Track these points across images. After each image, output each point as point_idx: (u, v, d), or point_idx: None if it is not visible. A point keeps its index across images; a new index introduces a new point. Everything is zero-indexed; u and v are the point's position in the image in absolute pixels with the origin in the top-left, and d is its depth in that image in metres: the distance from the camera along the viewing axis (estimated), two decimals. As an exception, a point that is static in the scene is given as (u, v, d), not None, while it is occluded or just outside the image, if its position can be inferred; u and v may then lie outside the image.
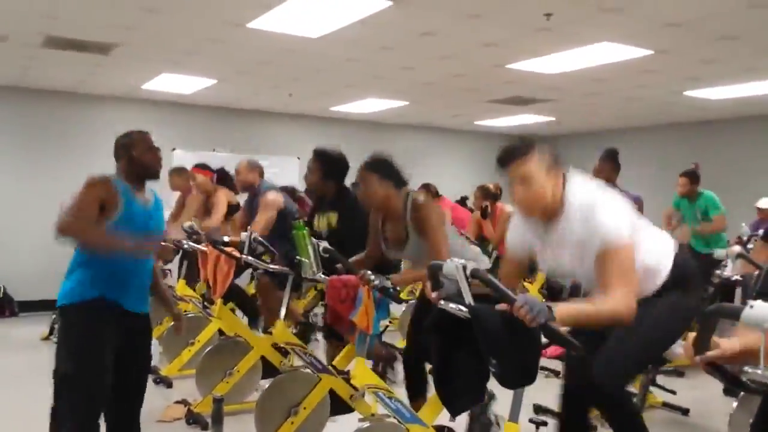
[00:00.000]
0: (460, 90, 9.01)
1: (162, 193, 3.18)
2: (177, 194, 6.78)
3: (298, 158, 10.37)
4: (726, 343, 1.52)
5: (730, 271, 4.02)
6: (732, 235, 7.28)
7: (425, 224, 3.24)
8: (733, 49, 6.48)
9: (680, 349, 2.88)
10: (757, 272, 2.92)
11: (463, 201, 9.63)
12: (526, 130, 12.56)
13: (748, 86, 8.25)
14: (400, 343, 5.24)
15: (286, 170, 10.55)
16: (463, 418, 3.02)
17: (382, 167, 3.42)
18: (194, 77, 8.38)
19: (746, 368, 1.31)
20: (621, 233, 2.26)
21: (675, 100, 9.29)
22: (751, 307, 1.29)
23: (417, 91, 9.11)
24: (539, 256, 2.59)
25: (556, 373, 5.08)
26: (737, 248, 4.14)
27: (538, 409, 4.24)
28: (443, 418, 2.73)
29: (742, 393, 3.23)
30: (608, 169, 5.59)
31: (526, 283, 6.94)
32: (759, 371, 1.29)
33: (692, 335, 1.52)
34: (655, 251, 2.49)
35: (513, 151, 2.40)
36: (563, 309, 2.08)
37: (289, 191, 5.73)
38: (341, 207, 4.13)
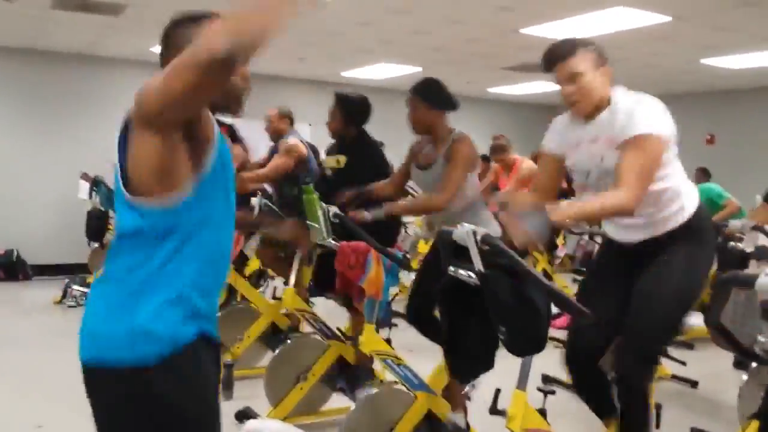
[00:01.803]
0: (472, 56, 8.89)
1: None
2: None
3: (309, 125, 10.32)
4: None
5: (745, 243, 3.98)
6: (748, 209, 7.20)
7: (456, 155, 3.27)
8: (752, 15, 6.32)
9: (694, 319, 2.86)
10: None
11: (485, 158, 9.59)
12: (539, 99, 12.41)
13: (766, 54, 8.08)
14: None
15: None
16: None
17: (430, 91, 3.43)
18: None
19: (760, 337, 1.28)
20: (656, 126, 2.24)
21: (691, 68, 9.12)
22: (766, 275, 1.27)
23: (429, 56, 8.99)
24: (572, 152, 2.52)
25: (564, 344, 5.08)
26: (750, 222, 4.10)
27: (546, 378, 4.24)
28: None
29: (752, 365, 3.20)
30: None
31: (537, 255, 6.91)
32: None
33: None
34: (686, 183, 2.48)
35: (559, 50, 2.39)
36: (567, 209, 2.08)
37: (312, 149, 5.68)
38: (355, 150, 4.09)
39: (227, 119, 5.78)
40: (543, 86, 11.26)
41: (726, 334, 1.48)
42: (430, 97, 3.40)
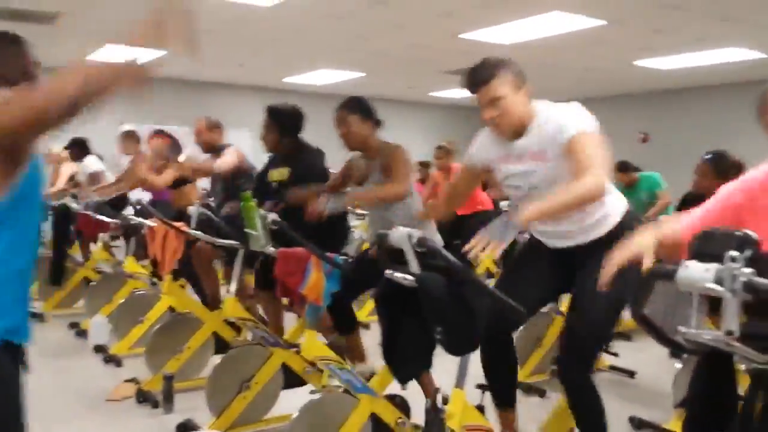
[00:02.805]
0: (415, 61, 8.97)
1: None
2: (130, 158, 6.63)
3: (251, 131, 10.22)
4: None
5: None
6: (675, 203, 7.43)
7: (393, 161, 3.28)
8: (681, 18, 6.57)
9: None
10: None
11: (425, 165, 9.62)
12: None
13: (698, 56, 8.40)
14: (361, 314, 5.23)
15: (239, 144, 10.39)
16: (415, 387, 3.02)
17: (361, 107, 3.42)
18: (138, 49, 8.15)
19: (680, 328, 1.33)
20: (590, 126, 2.30)
21: (626, 70, 9.41)
22: (686, 267, 1.31)
23: (372, 61, 9.03)
24: (498, 169, 2.56)
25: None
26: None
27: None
28: (394, 387, 2.74)
29: (686, 355, 3.30)
30: None
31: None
32: (693, 330, 1.31)
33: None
34: (612, 190, 2.52)
35: (479, 74, 2.41)
36: (533, 209, 2.07)
37: None
38: (296, 160, 4.05)
39: (169, 130, 5.68)
40: (484, 90, 11.43)
41: (651, 326, 1.51)
42: (361, 110, 3.40)
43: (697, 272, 1.28)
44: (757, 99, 1.74)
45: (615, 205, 2.51)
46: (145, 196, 6.02)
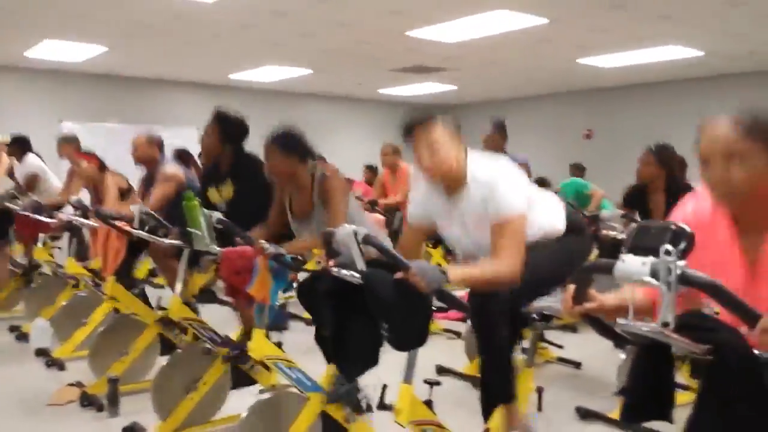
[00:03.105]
0: (362, 58, 8.96)
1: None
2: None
3: (198, 129, 10.07)
4: (603, 297, 1.59)
5: (617, 231, 4.24)
6: (618, 198, 7.64)
7: (329, 194, 3.25)
8: (621, 17, 6.74)
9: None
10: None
11: (373, 169, 9.63)
12: (430, 99, 12.68)
13: (637, 54, 8.63)
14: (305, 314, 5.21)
15: (185, 141, 10.21)
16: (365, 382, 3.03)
17: (287, 141, 3.35)
18: (82, 44, 7.93)
19: (618, 320, 1.36)
20: (515, 206, 2.35)
21: (569, 68, 9.61)
22: (623, 261, 1.34)
23: (319, 58, 8.99)
24: (442, 230, 2.63)
25: (458, 335, 5.21)
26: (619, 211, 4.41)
27: (441, 369, 4.33)
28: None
29: (629, 345, 3.40)
30: (497, 139, 5.75)
31: (429, 249, 7.04)
32: (630, 323, 1.35)
33: (571, 288, 1.57)
34: (549, 214, 2.60)
35: (418, 118, 2.44)
36: (456, 272, 2.14)
37: (182, 154, 5.48)
38: (238, 176, 3.99)
39: (91, 151, 5.53)
40: (433, 87, 11.52)
41: (592, 319, 1.55)
42: (287, 145, 3.33)
43: (633, 266, 1.31)
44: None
45: (556, 214, 2.61)
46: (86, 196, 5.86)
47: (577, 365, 4.70)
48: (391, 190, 7.06)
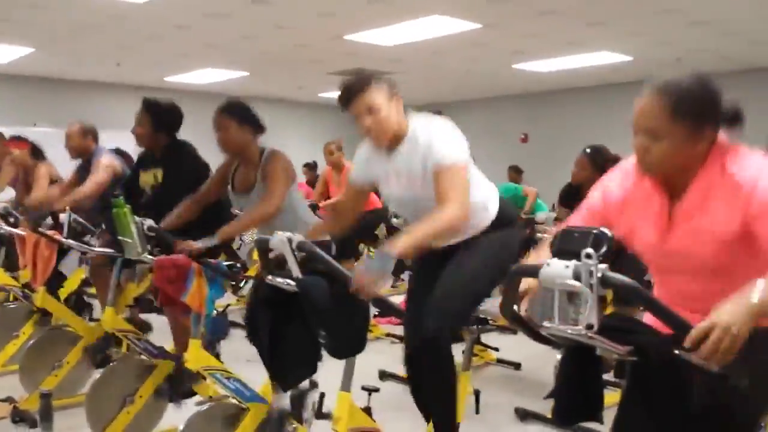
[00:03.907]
0: (301, 61, 8.93)
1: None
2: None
3: (133, 132, 9.83)
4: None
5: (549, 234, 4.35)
6: (554, 200, 7.82)
7: (273, 168, 3.23)
8: (553, 23, 6.91)
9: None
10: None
11: (313, 166, 9.58)
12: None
13: (571, 59, 8.87)
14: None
15: (121, 145, 9.98)
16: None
17: (240, 112, 3.32)
18: (7, 45, 7.64)
19: (544, 323, 1.40)
20: (456, 155, 2.38)
21: (505, 73, 9.79)
22: (548, 265, 1.38)
23: (257, 61, 8.91)
24: (382, 187, 2.63)
25: (401, 339, 5.23)
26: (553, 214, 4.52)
27: (383, 374, 4.34)
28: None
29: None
30: None
31: (371, 253, 7.05)
32: (555, 326, 1.38)
33: (501, 292, 1.61)
34: (484, 190, 2.63)
35: (354, 85, 2.45)
36: (403, 242, 2.13)
37: (118, 151, 5.34)
38: (169, 162, 3.90)
39: (28, 136, 5.34)
40: (371, 90, 11.55)
41: (521, 322, 1.59)
42: (241, 116, 3.31)
43: (557, 269, 1.35)
44: None
45: (493, 202, 2.62)
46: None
47: (516, 366, 4.78)
48: (334, 188, 6.97)
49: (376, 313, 5.17)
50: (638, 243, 1.78)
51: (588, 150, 4.57)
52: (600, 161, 4.53)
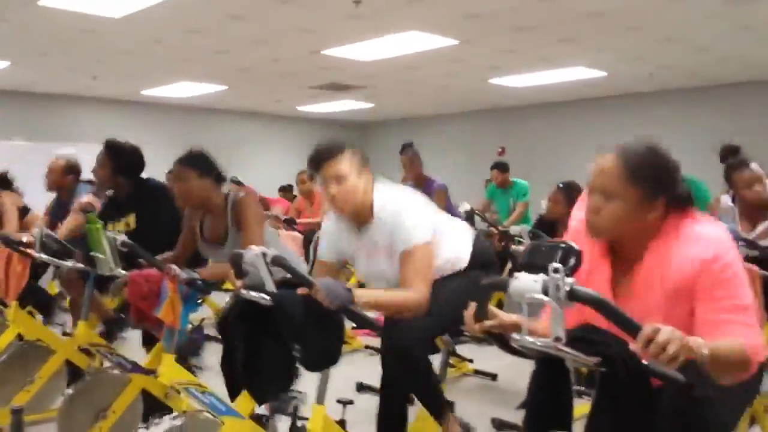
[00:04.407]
0: (278, 76, 8.94)
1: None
2: None
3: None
4: (502, 315, 1.66)
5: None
6: (535, 214, 7.89)
7: (244, 219, 3.16)
8: (527, 39, 7.01)
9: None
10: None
11: (288, 189, 9.58)
12: (348, 117, 12.75)
13: (545, 74, 8.98)
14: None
15: (95, 159, 9.90)
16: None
17: (200, 163, 3.25)
18: (-20, 58, 7.58)
19: (513, 335, 1.42)
20: (421, 235, 2.40)
21: (481, 88, 9.89)
22: (517, 279, 1.40)
23: (233, 75, 8.91)
24: (354, 262, 2.65)
25: (378, 351, 5.23)
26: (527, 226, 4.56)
27: (361, 386, 4.34)
28: (261, 407, 2.72)
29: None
30: (415, 161, 5.88)
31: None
32: (524, 338, 1.40)
33: (472, 306, 1.63)
34: (455, 243, 2.64)
35: (325, 151, 2.45)
36: (362, 294, 2.18)
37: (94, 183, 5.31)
38: (140, 205, 3.86)
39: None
40: (351, 104, 11.60)
41: (492, 334, 1.61)
42: (202, 167, 3.24)
43: (526, 283, 1.38)
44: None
45: (463, 251, 2.63)
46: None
47: (493, 377, 4.80)
48: (307, 216, 6.97)
49: (354, 326, 5.17)
50: None
51: (561, 185, 4.62)
52: (573, 196, 4.59)
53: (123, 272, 2.86)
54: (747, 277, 1.62)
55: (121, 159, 3.86)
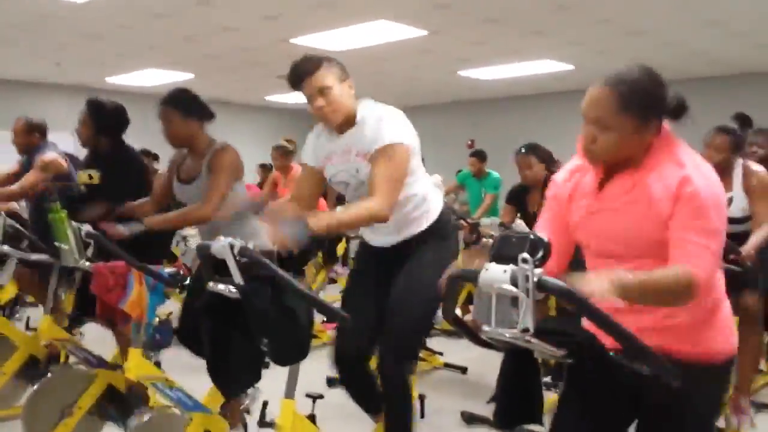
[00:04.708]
0: (246, 64, 8.84)
1: None
2: None
3: (72, 134, 9.55)
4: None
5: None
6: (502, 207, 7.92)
7: (219, 164, 3.12)
8: (497, 31, 7.02)
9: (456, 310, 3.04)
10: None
11: (269, 167, 9.45)
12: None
13: (514, 66, 9.02)
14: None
15: (61, 146, 9.69)
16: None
17: (183, 103, 3.22)
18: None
19: (483, 328, 1.41)
20: (399, 136, 2.39)
21: (450, 80, 9.90)
22: (486, 270, 1.40)
23: (201, 63, 8.78)
24: (326, 164, 2.62)
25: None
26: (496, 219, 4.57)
27: (331, 381, 4.32)
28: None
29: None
30: None
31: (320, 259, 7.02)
32: (493, 329, 1.40)
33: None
34: (426, 185, 2.64)
35: (305, 65, 2.44)
36: (319, 218, 2.18)
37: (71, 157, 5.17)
38: (111, 164, 3.79)
39: None
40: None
41: (462, 326, 1.61)
42: (185, 107, 3.21)
43: (495, 274, 1.37)
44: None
45: (434, 202, 2.65)
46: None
47: (463, 370, 4.82)
48: (282, 190, 6.98)
49: (324, 320, 5.15)
50: (572, 222, 1.80)
51: (525, 149, 4.55)
52: (544, 155, 4.53)
53: (87, 264, 2.81)
54: (723, 209, 1.63)
55: (103, 118, 3.79)
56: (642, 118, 1.64)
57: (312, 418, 2.34)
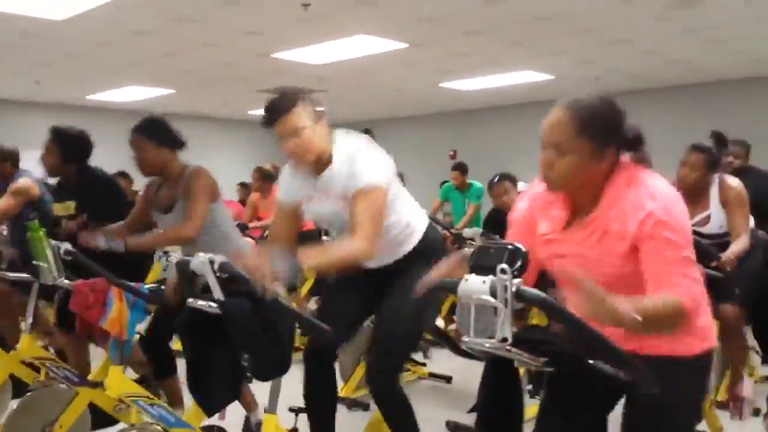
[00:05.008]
0: (228, 79, 8.84)
1: None
2: None
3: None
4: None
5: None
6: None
7: (194, 187, 3.12)
8: (478, 43, 7.08)
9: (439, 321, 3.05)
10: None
11: (247, 186, 9.44)
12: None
13: (495, 78, 9.09)
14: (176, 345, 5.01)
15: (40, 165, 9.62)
16: (234, 417, 2.96)
17: (156, 131, 3.21)
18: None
19: (463, 338, 1.42)
20: (375, 177, 2.38)
21: (432, 91, 9.95)
22: (466, 280, 1.41)
23: (182, 79, 8.77)
24: (305, 205, 2.61)
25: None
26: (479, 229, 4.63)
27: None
28: (213, 418, 2.66)
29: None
30: None
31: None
32: (472, 339, 1.40)
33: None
34: (411, 208, 2.65)
35: (280, 105, 2.42)
36: (309, 258, 2.19)
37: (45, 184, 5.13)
38: (83, 193, 3.77)
39: None
40: (301, 108, 11.52)
41: (442, 336, 1.61)
42: (158, 136, 3.21)
43: (475, 284, 1.38)
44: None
45: (418, 222, 2.65)
46: None
47: (447, 380, 4.82)
48: (263, 212, 6.99)
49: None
50: (538, 249, 1.81)
51: (500, 177, 4.74)
52: (515, 180, 4.69)
53: (67, 282, 2.78)
54: (688, 231, 1.64)
55: (69, 145, 3.77)
56: (599, 142, 1.65)
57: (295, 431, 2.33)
